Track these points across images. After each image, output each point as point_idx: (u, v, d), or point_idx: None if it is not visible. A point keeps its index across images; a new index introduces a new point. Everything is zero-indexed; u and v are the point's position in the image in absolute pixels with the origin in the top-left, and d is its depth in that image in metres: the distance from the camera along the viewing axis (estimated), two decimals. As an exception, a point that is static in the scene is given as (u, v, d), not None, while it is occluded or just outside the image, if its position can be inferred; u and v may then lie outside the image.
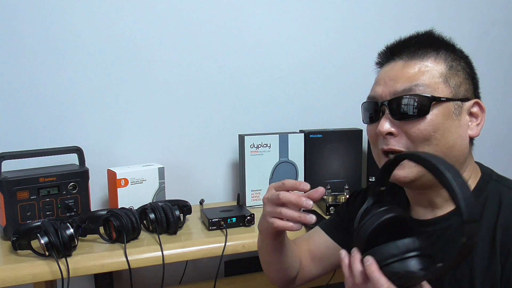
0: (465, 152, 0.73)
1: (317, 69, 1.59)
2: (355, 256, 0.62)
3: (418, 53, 0.74)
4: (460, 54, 0.77)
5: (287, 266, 0.89)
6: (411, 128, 0.70)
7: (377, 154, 0.77)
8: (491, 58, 1.86)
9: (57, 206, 1.15)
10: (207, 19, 1.44)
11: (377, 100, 0.75)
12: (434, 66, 0.72)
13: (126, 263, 1.01)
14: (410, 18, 1.69)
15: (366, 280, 0.59)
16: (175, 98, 1.44)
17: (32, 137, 1.30)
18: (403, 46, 0.77)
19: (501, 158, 1.71)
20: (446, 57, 0.74)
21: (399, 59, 0.75)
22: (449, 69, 0.73)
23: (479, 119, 0.75)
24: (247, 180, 1.41)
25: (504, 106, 1.90)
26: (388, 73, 0.75)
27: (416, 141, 0.70)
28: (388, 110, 0.72)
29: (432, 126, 0.69)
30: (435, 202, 0.75)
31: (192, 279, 1.52)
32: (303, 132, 1.47)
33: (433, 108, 0.69)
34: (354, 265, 0.61)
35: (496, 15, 1.83)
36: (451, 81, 0.72)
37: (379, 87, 0.75)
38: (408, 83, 0.71)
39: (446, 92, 0.71)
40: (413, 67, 0.73)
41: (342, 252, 0.64)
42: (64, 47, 1.31)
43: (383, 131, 0.72)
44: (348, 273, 0.62)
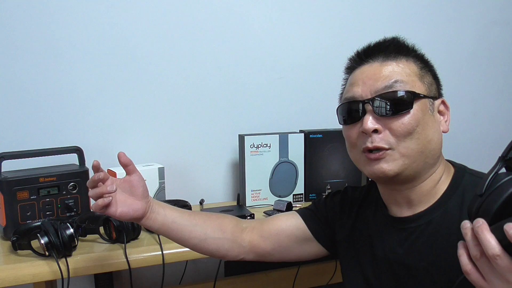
0: (440, 147, 0.77)
1: (317, 69, 1.59)
2: (482, 226, 0.51)
3: (391, 55, 0.77)
4: (424, 59, 0.81)
5: (190, 243, 0.89)
6: (395, 123, 0.72)
7: (357, 154, 0.78)
8: (491, 58, 1.86)
9: (57, 206, 1.15)
10: (207, 19, 1.44)
11: (357, 99, 0.76)
12: (408, 66, 0.77)
13: (126, 263, 1.01)
14: (410, 18, 1.70)
15: (503, 251, 0.50)
16: (175, 98, 1.44)
17: (32, 137, 1.30)
18: (377, 50, 0.80)
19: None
20: (415, 61, 0.78)
21: (373, 61, 0.78)
22: (420, 69, 0.78)
23: (446, 116, 0.80)
24: (247, 180, 1.41)
25: (504, 106, 1.90)
26: (364, 73, 0.78)
27: (400, 136, 0.72)
28: (371, 107, 0.74)
29: (415, 120, 0.72)
30: (411, 198, 0.77)
31: (192, 279, 1.52)
32: (303, 132, 1.47)
33: (414, 104, 0.73)
34: (484, 235, 0.50)
35: (496, 15, 1.84)
36: (424, 79, 0.77)
37: (357, 88, 0.77)
38: (388, 80, 0.74)
39: (423, 89, 0.75)
40: (390, 67, 0.76)
41: (465, 222, 0.55)
42: (64, 47, 1.31)
43: (369, 129, 0.73)
44: (473, 247, 0.53)
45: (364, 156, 0.76)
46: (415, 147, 0.72)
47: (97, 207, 0.78)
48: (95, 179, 0.78)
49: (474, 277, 0.53)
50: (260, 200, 1.43)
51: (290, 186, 1.46)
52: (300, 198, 1.47)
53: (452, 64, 1.80)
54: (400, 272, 0.78)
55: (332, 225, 0.93)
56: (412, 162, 0.73)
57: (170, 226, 0.86)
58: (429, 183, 0.76)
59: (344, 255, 0.91)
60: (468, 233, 0.53)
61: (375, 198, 0.88)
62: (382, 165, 0.73)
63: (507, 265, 0.49)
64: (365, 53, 0.81)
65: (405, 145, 0.72)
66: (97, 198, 0.78)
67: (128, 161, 0.82)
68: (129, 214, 0.81)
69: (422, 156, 0.73)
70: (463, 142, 1.78)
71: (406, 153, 0.72)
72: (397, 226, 0.79)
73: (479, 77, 1.86)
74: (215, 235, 0.90)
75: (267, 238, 0.93)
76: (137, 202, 0.82)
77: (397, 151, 0.73)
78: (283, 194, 1.45)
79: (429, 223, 0.75)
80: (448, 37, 1.77)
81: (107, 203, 0.78)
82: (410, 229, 0.77)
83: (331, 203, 0.95)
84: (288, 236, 0.93)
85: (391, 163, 0.73)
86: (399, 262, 0.78)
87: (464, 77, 1.83)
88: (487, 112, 1.87)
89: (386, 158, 0.73)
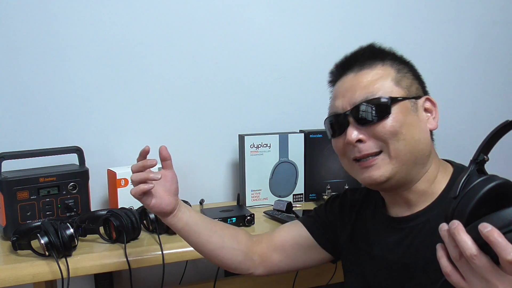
0: (429, 146, 0.77)
1: (317, 69, 1.58)
2: (458, 227, 0.52)
3: (367, 63, 0.79)
4: (403, 60, 0.82)
5: (207, 248, 0.89)
6: (378, 130, 0.74)
7: (348, 164, 0.81)
8: (491, 58, 1.86)
9: (57, 206, 1.15)
10: (207, 19, 1.44)
11: (338, 113, 0.78)
12: (383, 72, 0.77)
13: (126, 263, 1.01)
14: (410, 19, 1.70)
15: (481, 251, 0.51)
16: (175, 98, 1.44)
17: (32, 137, 1.30)
18: (352, 60, 0.81)
19: (502, 158, 1.71)
20: (392, 64, 0.79)
21: (351, 71, 0.80)
22: (397, 72, 0.78)
23: (433, 113, 0.79)
24: (247, 180, 1.41)
25: (504, 106, 1.90)
26: (342, 86, 0.80)
27: (387, 139, 0.73)
28: (352, 118, 0.76)
29: (397, 122, 0.73)
30: (409, 199, 0.78)
31: (192, 279, 1.52)
32: (303, 132, 1.47)
33: (393, 108, 0.74)
34: (460, 236, 0.51)
35: (496, 15, 1.83)
36: (402, 83, 0.77)
37: (338, 101, 0.79)
38: (365, 90, 0.76)
39: (401, 92, 0.76)
40: (365, 76, 0.77)
41: (443, 224, 0.55)
42: (64, 47, 1.31)
43: (353, 140, 0.75)
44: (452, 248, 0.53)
45: (355, 165, 0.78)
46: (403, 148, 0.73)
47: (137, 191, 0.79)
48: (146, 164, 0.80)
49: (455, 279, 0.54)
50: (260, 200, 1.43)
51: (290, 186, 1.46)
52: (300, 198, 1.47)
53: (452, 64, 1.80)
54: (399, 272, 0.78)
55: (334, 230, 0.93)
56: (402, 165, 0.74)
57: (192, 227, 0.87)
58: (423, 183, 0.77)
59: (346, 256, 0.92)
60: (445, 235, 0.54)
61: (374, 198, 0.88)
62: (373, 173, 0.74)
63: (485, 264, 0.50)
64: (342, 65, 0.83)
65: (393, 147, 0.73)
66: (139, 183, 0.79)
67: (168, 156, 0.86)
68: (161, 207, 0.82)
69: (412, 157, 0.74)
70: (463, 142, 1.78)
71: (396, 156, 0.73)
72: (395, 226, 0.80)
73: (479, 77, 1.86)
74: (231, 245, 0.90)
75: (274, 250, 0.94)
76: (170, 197, 0.84)
77: (387, 154, 0.74)
78: (283, 194, 1.45)
79: (426, 222, 0.75)
80: (448, 37, 1.77)
81: (148, 189, 0.79)
82: (408, 228, 0.77)
83: (331, 208, 0.96)
84: (292, 245, 0.94)
85: (382, 168, 0.74)
86: (397, 262, 0.78)
87: (464, 77, 1.83)
88: (487, 112, 1.87)
89: (377, 164, 0.74)
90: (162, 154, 0.85)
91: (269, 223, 1.26)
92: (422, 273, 0.74)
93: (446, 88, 1.79)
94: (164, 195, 0.83)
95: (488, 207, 0.54)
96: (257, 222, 1.24)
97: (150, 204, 0.81)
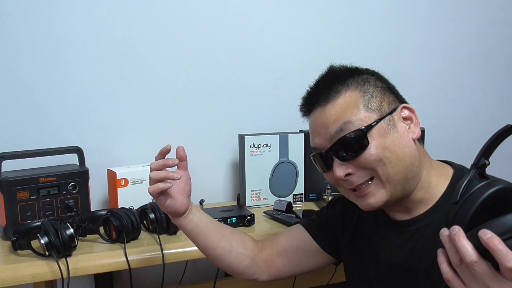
0: (416, 157, 0.75)
1: (317, 69, 1.57)
2: (458, 233, 0.52)
3: (331, 94, 0.76)
4: (366, 73, 0.79)
5: (215, 252, 0.89)
6: (362, 161, 0.73)
7: (346, 193, 0.80)
8: (491, 58, 1.86)
9: (57, 206, 1.15)
10: (207, 19, 1.44)
11: (320, 150, 0.78)
12: (350, 99, 0.75)
13: (126, 263, 1.01)
14: (410, 19, 1.70)
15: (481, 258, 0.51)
16: (175, 98, 1.44)
17: (32, 137, 1.30)
18: (316, 94, 0.80)
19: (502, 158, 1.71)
20: (356, 85, 0.76)
21: (318, 106, 0.78)
22: (363, 94, 0.75)
23: (413, 119, 0.77)
24: (247, 180, 1.41)
25: (504, 106, 1.90)
26: (315, 123, 0.79)
27: (374, 166, 0.73)
28: (334, 155, 0.75)
29: (379, 148, 0.72)
30: (409, 206, 0.78)
31: (192, 279, 1.52)
32: (303, 132, 1.46)
33: (370, 135, 0.72)
34: (461, 242, 0.51)
35: (496, 15, 1.83)
36: (371, 105, 0.75)
37: (316, 138, 0.79)
38: (336, 124, 0.74)
39: (373, 116, 0.74)
40: (333, 109, 0.75)
41: (444, 229, 0.55)
42: (64, 47, 1.31)
43: (341, 176, 0.74)
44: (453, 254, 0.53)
45: (352, 194, 0.78)
46: (393, 171, 0.72)
47: (155, 189, 0.78)
48: (168, 163, 0.80)
49: (455, 284, 0.53)
50: (260, 200, 1.43)
51: (290, 186, 1.46)
52: (300, 198, 1.47)
53: (452, 64, 1.80)
54: (402, 275, 0.78)
55: (336, 233, 0.93)
56: (395, 186, 0.73)
57: (202, 229, 0.87)
58: (419, 192, 0.77)
59: (348, 259, 0.91)
60: (446, 241, 0.54)
61: None
62: (369, 200, 0.75)
63: (485, 271, 0.50)
64: (307, 101, 0.81)
65: (383, 172, 0.72)
66: (157, 181, 0.79)
67: (185, 156, 0.85)
68: (175, 207, 0.82)
69: (403, 176, 0.73)
70: (463, 142, 1.78)
71: (387, 180, 0.73)
72: (398, 229, 0.80)
73: (479, 77, 1.86)
74: (239, 250, 0.90)
75: (277, 256, 0.94)
76: (183, 198, 0.84)
77: (379, 179, 0.73)
78: (283, 194, 1.45)
79: (428, 225, 0.75)
80: (448, 37, 1.77)
81: (167, 188, 0.79)
82: (410, 232, 0.77)
83: (332, 211, 0.96)
84: (295, 250, 0.94)
85: (377, 194, 0.74)
86: (400, 265, 0.78)
87: (464, 77, 1.83)
88: (487, 112, 1.87)
89: (371, 191, 0.74)
90: (179, 154, 0.84)
91: (269, 223, 1.26)
92: (425, 277, 0.74)
93: (446, 88, 1.79)
94: (178, 195, 0.83)
95: (489, 212, 0.53)
96: (257, 222, 1.24)
97: (165, 204, 0.81)
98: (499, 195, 0.54)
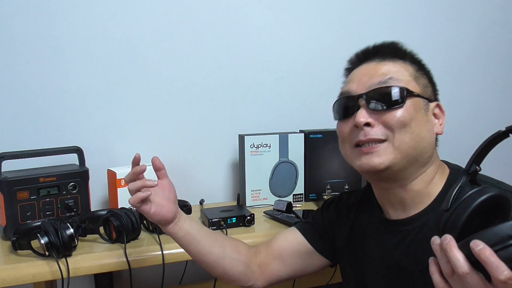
0: (432, 146, 0.77)
1: (317, 69, 1.59)
2: (450, 243, 0.51)
3: (388, 56, 0.79)
4: (421, 64, 0.82)
5: (208, 258, 0.89)
6: (388, 117, 0.73)
7: (349, 149, 0.79)
8: (491, 58, 1.86)
9: (57, 206, 1.15)
10: (207, 19, 1.44)
11: (351, 94, 0.78)
12: (404, 67, 0.78)
13: (126, 263, 1.01)
14: (410, 18, 1.70)
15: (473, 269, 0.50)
16: (175, 98, 1.44)
17: (32, 137, 1.30)
18: (374, 51, 0.82)
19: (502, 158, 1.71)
20: (411, 63, 0.80)
21: (371, 61, 0.80)
22: (416, 71, 0.79)
23: (441, 120, 0.80)
24: (247, 180, 1.41)
25: (504, 106, 1.90)
26: (361, 71, 0.80)
27: (394, 128, 0.73)
28: (365, 102, 0.75)
29: (408, 114, 0.73)
30: (404, 199, 0.77)
31: (192, 279, 1.52)
32: (303, 132, 1.47)
33: (407, 100, 0.74)
34: (452, 253, 0.51)
35: (496, 15, 1.83)
36: (419, 80, 0.78)
37: (352, 84, 0.79)
38: (383, 77, 0.76)
39: (417, 88, 0.76)
40: (386, 66, 0.78)
41: (435, 238, 0.55)
42: (64, 47, 1.31)
43: (361, 122, 0.74)
44: (445, 264, 0.53)
45: (356, 150, 0.76)
46: (408, 141, 0.73)
47: (135, 199, 0.78)
48: (136, 171, 0.80)
49: None
50: (260, 200, 1.43)
51: (290, 186, 1.46)
52: (300, 198, 1.47)
53: (452, 64, 1.80)
54: (397, 275, 0.78)
55: (331, 234, 0.93)
56: (403, 157, 0.73)
57: (194, 236, 0.87)
58: (419, 183, 0.76)
59: (344, 259, 0.91)
60: (438, 250, 0.54)
61: (371, 201, 0.88)
62: (374, 159, 0.74)
63: (477, 282, 0.50)
64: (363, 54, 0.83)
65: (399, 138, 0.73)
66: (136, 191, 0.79)
67: (161, 166, 0.85)
68: (161, 214, 0.82)
69: (414, 152, 0.73)
70: (463, 142, 1.78)
71: (399, 146, 0.73)
72: (392, 229, 0.80)
73: (479, 77, 1.86)
74: (232, 255, 0.90)
75: (272, 260, 0.94)
76: (169, 204, 0.84)
77: (392, 144, 0.73)
78: (283, 194, 1.45)
79: (423, 225, 0.75)
80: (448, 37, 1.77)
81: (146, 196, 0.79)
82: (405, 232, 0.77)
83: (327, 213, 0.96)
84: (290, 253, 0.94)
85: (383, 156, 0.73)
86: (395, 265, 0.78)
87: (464, 77, 1.83)
88: (487, 112, 1.87)
89: (379, 151, 0.73)
90: (155, 165, 0.85)
91: (269, 223, 1.26)
92: (419, 277, 0.74)
93: (445, 88, 1.76)
94: (164, 202, 0.83)
95: (480, 219, 0.53)
96: (257, 222, 1.24)
97: (150, 212, 0.81)
98: (490, 202, 0.54)
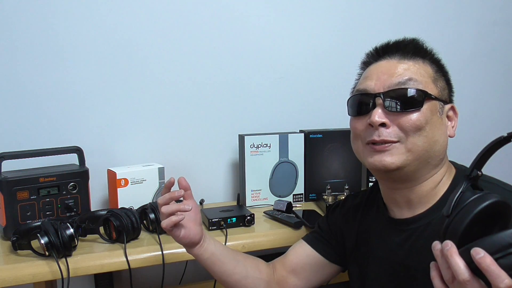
0: (445, 149, 0.78)
1: (317, 69, 1.59)
2: (451, 249, 0.52)
3: (409, 55, 0.78)
4: (440, 64, 0.82)
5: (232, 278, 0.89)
6: (404, 119, 0.73)
7: (361, 146, 0.79)
8: (492, 58, 1.86)
9: (57, 206, 1.15)
10: (207, 19, 1.44)
11: (369, 92, 0.77)
12: (424, 67, 0.78)
13: (126, 263, 1.01)
14: (410, 19, 1.70)
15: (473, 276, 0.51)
16: (175, 98, 1.44)
17: (32, 137, 1.30)
18: (395, 47, 0.81)
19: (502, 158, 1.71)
20: (431, 63, 0.80)
21: (391, 58, 0.79)
22: (435, 72, 0.79)
23: (453, 122, 0.80)
24: (247, 180, 1.41)
25: (504, 106, 1.90)
26: (380, 68, 0.78)
27: (409, 131, 0.73)
28: (382, 101, 0.74)
29: (424, 118, 0.73)
30: (410, 199, 0.78)
31: (192, 279, 1.52)
32: (303, 132, 1.47)
33: (425, 103, 0.74)
34: (453, 259, 0.51)
35: (496, 15, 1.83)
36: (438, 82, 0.78)
37: (371, 81, 0.78)
38: (402, 77, 0.75)
39: (435, 91, 0.76)
40: (405, 65, 0.77)
41: (436, 243, 0.55)
42: (64, 47, 1.31)
43: (377, 122, 0.73)
44: (445, 270, 0.53)
45: (369, 147, 0.76)
46: (422, 145, 0.73)
47: (169, 223, 0.78)
48: (174, 196, 0.79)
49: None
50: (260, 200, 1.43)
51: (290, 186, 1.46)
52: (300, 198, 1.47)
53: (452, 64, 1.78)
54: (401, 273, 0.78)
55: (340, 238, 0.93)
56: (415, 159, 0.73)
57: (218, 257, 0.87)
58: (429, 184, 0.76)
59: (352, 260, 0.92)
60: (439, 255, 0.54)
61: (376, 200, 0.88)
62: (386, 158, 0.73)
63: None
64: (383, 49, 0.82)
65: (413, 141, 0.72)
66: (169, 215, 0.78)
67: (188, 186, 0.84)
68: (190, 237, 0.82)
69: (426, 155, 0.74)
70: (463, 142, 1.78)
71: (412, 149, 0.73)
72: (397, 228, 0.80)
73: (479, 77, 1.86)
74: (254, 275, 0.91)
75: (287, 276, 0.94)
76: (196, 227, 0.84)
77: (404, 146, 0.73)
78: (283, 194, 1.45)
79: (428, 224, 0.75)
80: (448, 37, 1.77)
81: (180, 220, 0.78)
82: (410, 230, 0.77)
83: (333, 218, 0.96)
84: (303, 267, 0.94)
85: (395, 156, 0.73)
86: (400, 263, 0.78)
87: (464, 77, 1.83)
88: (487, 112, 1.87)
89: (392, 151, 0.73)
90: (182, 185, 0.83)
91: (269, 223, 1.26)
92: (423, 276, 0.74)
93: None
94: (191, 225, 0.83)
95: (481, 225, 0.53)
96: (257, 222, 1.24)
97: (180, 235, 0.81)
98: (491, 209, 0.54)
